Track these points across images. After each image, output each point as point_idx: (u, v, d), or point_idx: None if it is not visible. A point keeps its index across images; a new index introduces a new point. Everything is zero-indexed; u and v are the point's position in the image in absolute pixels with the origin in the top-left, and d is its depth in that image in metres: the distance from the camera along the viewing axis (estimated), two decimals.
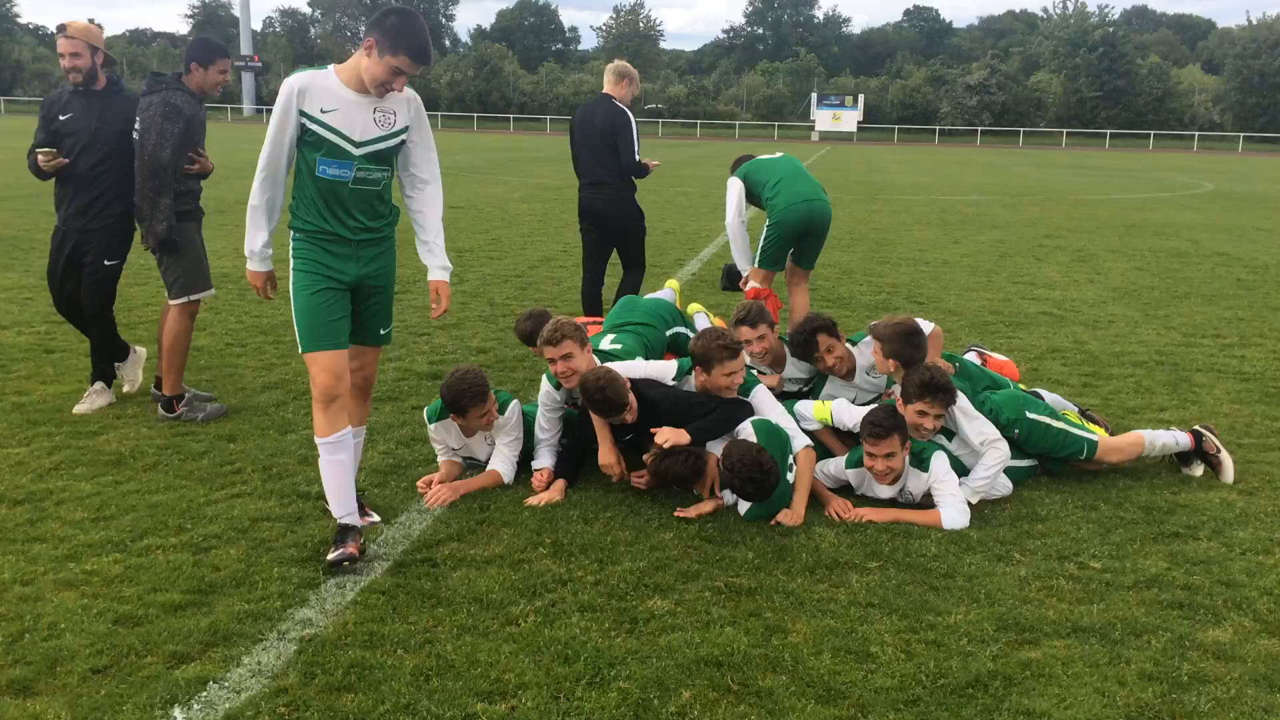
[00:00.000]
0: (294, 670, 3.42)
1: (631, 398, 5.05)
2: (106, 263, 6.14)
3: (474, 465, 5.37)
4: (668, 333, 6.16)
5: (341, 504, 4.28)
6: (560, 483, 5.07)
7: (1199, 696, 3.36)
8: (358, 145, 4.10)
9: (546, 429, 5.33)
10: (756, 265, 7.63)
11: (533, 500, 4.92)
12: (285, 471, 5.26)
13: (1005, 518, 4.84)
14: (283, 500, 4.88)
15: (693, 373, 5.23)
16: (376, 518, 4.63)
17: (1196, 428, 5.54)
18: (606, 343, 5.76)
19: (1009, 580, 4.19)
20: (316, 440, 4.25)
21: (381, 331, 4.48)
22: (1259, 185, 31.64)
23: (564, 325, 5.18)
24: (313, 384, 4.23)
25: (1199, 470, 5.46)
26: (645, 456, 4.98)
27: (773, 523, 4.71)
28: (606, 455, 5.10)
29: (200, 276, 6.19)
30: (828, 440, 5.35)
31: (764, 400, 5.21)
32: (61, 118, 5.99)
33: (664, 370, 5.34)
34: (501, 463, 5.20)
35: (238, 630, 3.67)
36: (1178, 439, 5.45)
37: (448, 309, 4.52)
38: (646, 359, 5.62)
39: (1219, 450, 5.42)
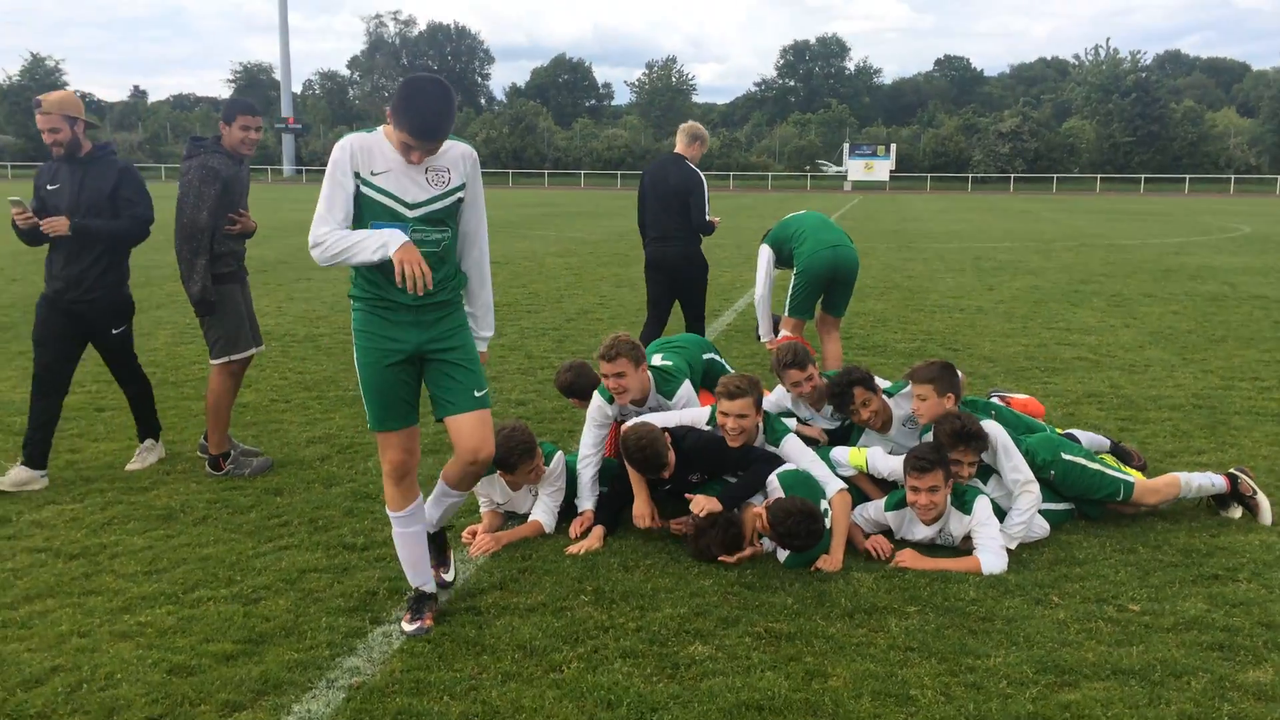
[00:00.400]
0: (343, 717, 3.51)
1: (670, 455, 5.16)
2: (114, 332, 6.19)
3: (514, 516, 5.47)
4: (704, 356, 6.33)
5: (417, 574, 4.27)
6: (599, 529, 5.16)
7: None
8: (411, 207, 3.94)
9: (591, 446, 5.53)
10: (787, 314, 7.83)
11: (574, 549, 5.00)
12: (331, 524, 5.38)
13: (1043, 561, 4.86)
14: (329, 552, 5.00)
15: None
16: (450, 575, 4.59)
17: (1233, 470, 5.54)
18: (657, 359, 6.03)
19: (1047, 623, 4.21)
20: (389, 513, 4.24)
21: (476, 394, 4.09)
22: None
23: (620, 343, 5.40)
24: (383, 459, 4.19)
25: (1237, 513, 5.44)
26: (677, 525, 5.08)
27: (812, 569, 4.76)
28: (641, 507, 5.19)
29: (241, 337, 6.28)
30: (864, 486, 5.41)
31: (795, 449, 5.28)
32: (49, 187, 5.96)
33: (698, 417, 5.44)
34: (544, 513, 5.30)
35: (288, 679, 3.77)
36: (1214, 481, 5.45)
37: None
38: (691, 379, 5.84)
39: (1255, 493, 5.41)
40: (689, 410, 5.59)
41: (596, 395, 5.64)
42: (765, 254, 8.02)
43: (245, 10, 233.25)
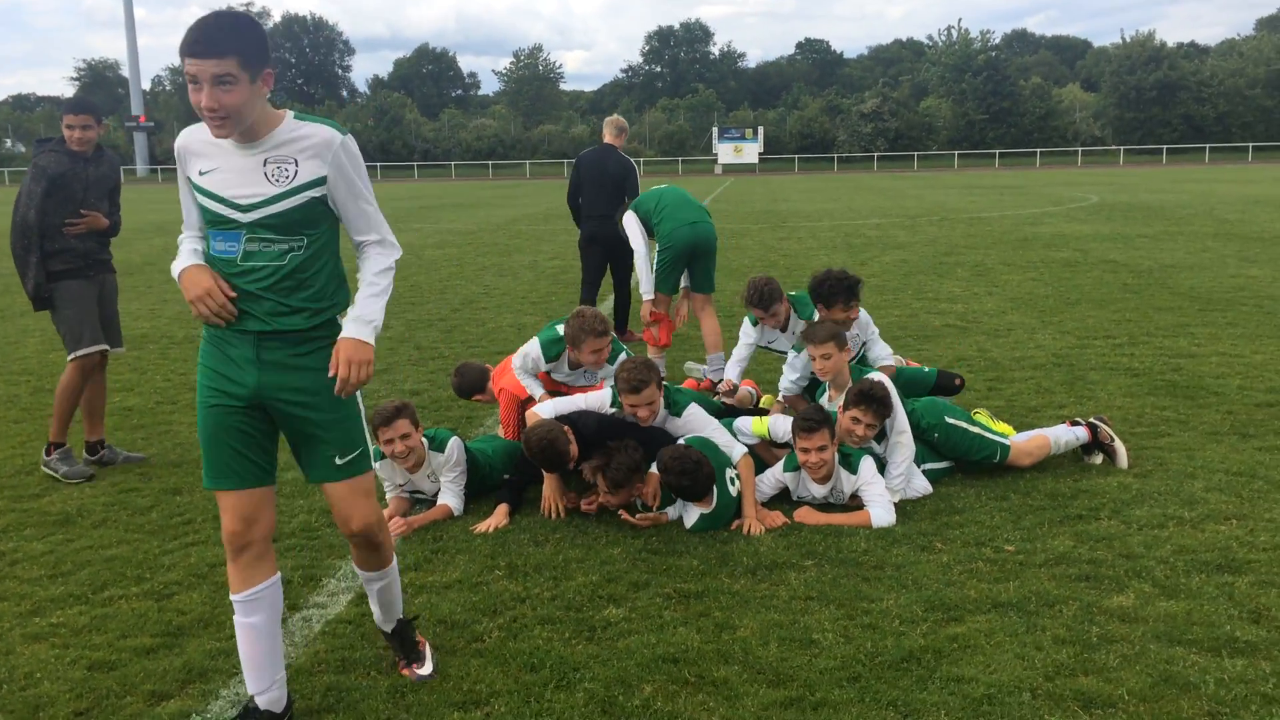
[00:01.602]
0: None
1: (572, 448, 5.31)
2: None
3: (422, 500, 5.56)
4: None
5: (256, 678, 3.33)
6: (504, 507, 5.29)
7: (1108, 654, 3.72)
8: (244, 210, 3.12)
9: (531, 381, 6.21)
10: (655, 290, 8.16)
11: (481, 527, 5.13)
12: None
13: (926, 512, 5.21)
14: None
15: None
16: (426, 670, 3.69)
17: (1093, 420, 6.00)
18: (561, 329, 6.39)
19: (933, 567, 4.54)
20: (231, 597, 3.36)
21: (337, 461, 3.29)
22: (1140, 195, 33.26)
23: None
24: (222, 527, 3.31)
25: (1099, 459, 5.91)
26: (586, 504, 5.27)
27: (732, 527, 5.03)
28: (549, 495, 5.33)
29: (86, 332, 6.23)
30: (763, 453, 5.68)
31: (698, 418, 5.52)
32: None
33: (601, 399, 5.62)
34: (451, 497, 5.40)
35: (212, 666, 3.82)
36: (1078, 435, 5.91)
37: (343, 377, 3.16)
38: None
39: (1113, 439, 5.88)
40: (592, 395, 5.74)
41: (601, 395, 5.64)
42: (633, 218, 8.45)
43: (86, 5, 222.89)
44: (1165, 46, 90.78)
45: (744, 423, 5.74)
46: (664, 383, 5.58)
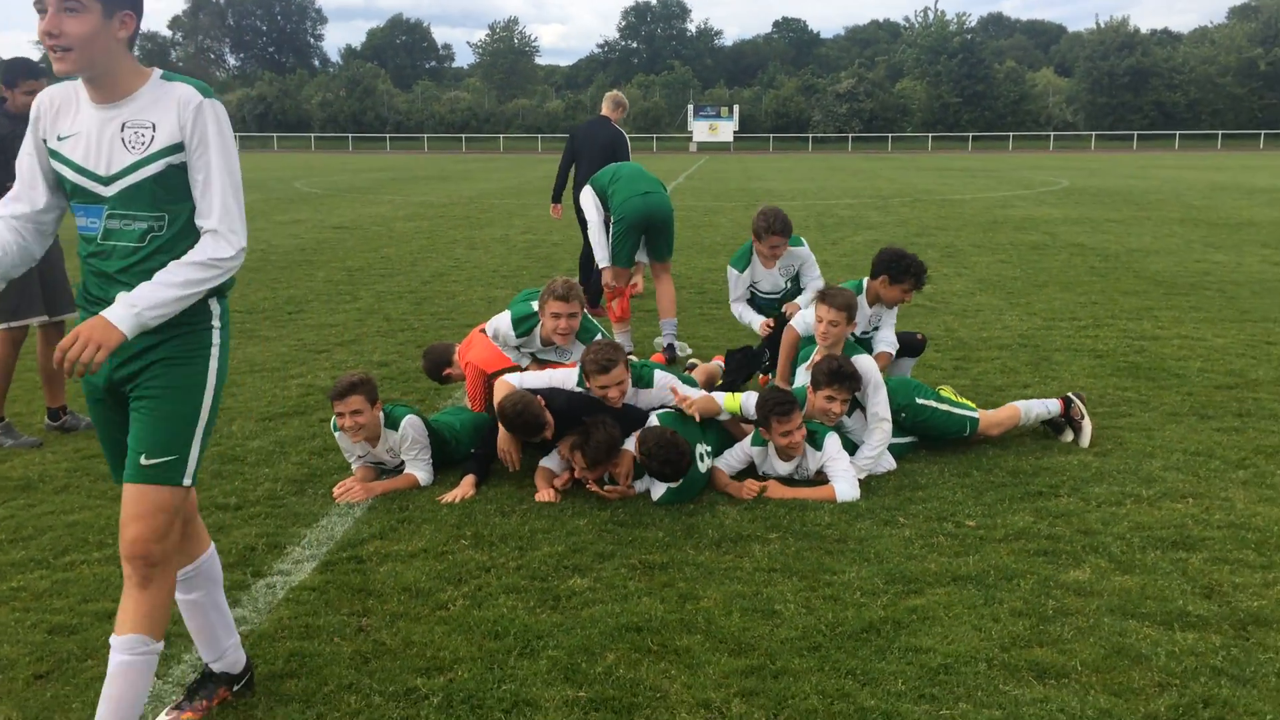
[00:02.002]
0: None
1: (548, 416, 5.31)
2: None
3: (386, 473, 5.55)
4: None
5: (208, 649, 3.28)
6: (470, 478, 5.29)
7: (1063, 627, 3.79)
8: (106, 183, 2.80)
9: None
10: (610, 263, 8.24)
11: (447, 497, 5.13)
12: (200, 486, 5.35)
13: (889, 487, 5.26)
14: (202, 513, 4.97)
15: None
16: None
17: (1069, 394, 6.07)
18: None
19: (895, 540, 4.60)
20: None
21: (142, 460, 2.81)
22: (1110, 180, 33.54)
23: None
24: None
25: (1069, 436, 5.97)
26: (561, 446, 5.26)
27: (743, 495, 5.10)
28: (504, 447, 5.33)
29: (24, 302, 6.13)
30: (733, 428, 5.72)
31: (666, 382, 5.54)
32: None
33: (567, 378, 5.62)
34: (417, 469, 5.37)
35: (173, 631, 3.78)
36: (1049, 407, 6.00)
37: (64, 347, 2.61)
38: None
39: (1084, 416, 5.95)
40: (558, 371, 5.74)
41: (568, 373, 5.60)
42: (589, 192, 8.62)
43: None
44: (1139, 33, 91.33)
45: (717, 399, 5.77)
46: (630, 359, 5.60)
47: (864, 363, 5.62)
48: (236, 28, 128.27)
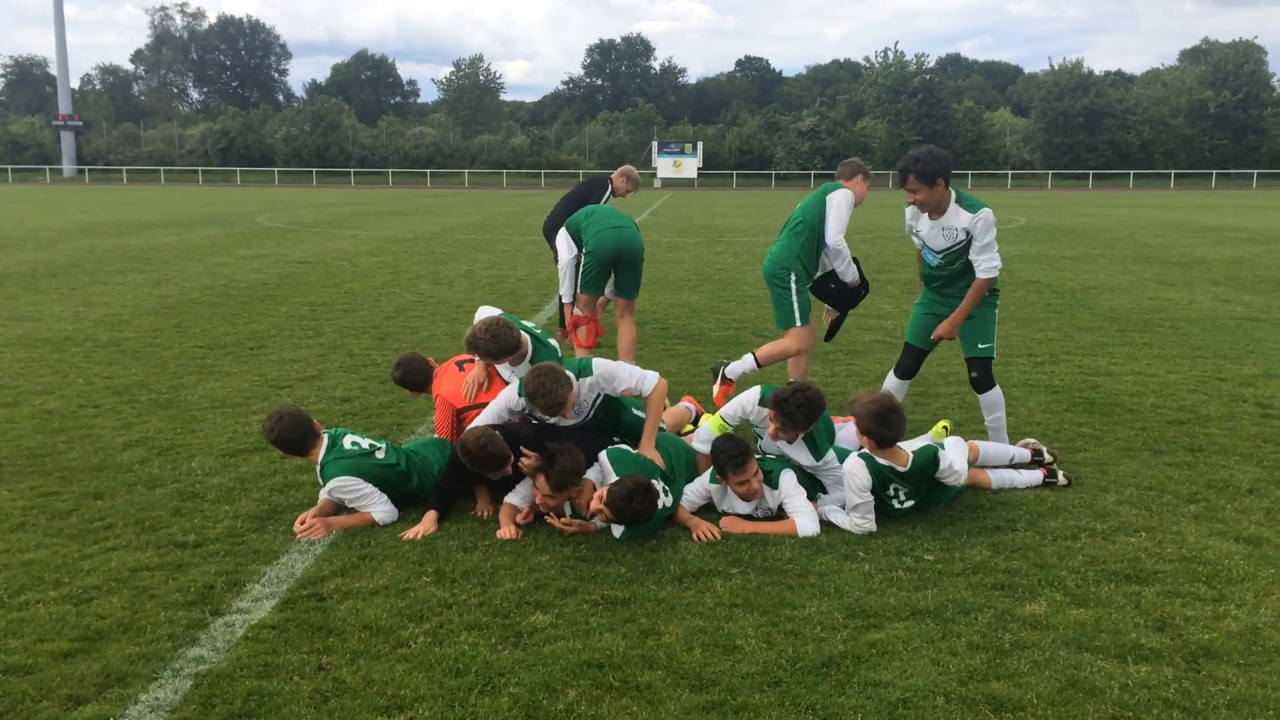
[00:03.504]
0: (192, 703, 3.55)
1: (508, 450, 5.32)
2: None
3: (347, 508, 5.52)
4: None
5: None
6: (432, 514, 5.28)
7: (1019, 660, 3.85)
8: None
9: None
10: (580, 291, 8.45)
11: (409, 534, 5.12)
12: (159, 523, 5.31)
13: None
14: (159, 550, 4.95)
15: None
16: None
17: (1042, 458, 6.17)
18: None
19: (855, 575, 4.64)
20: None
21: None
22: (1066, 218, 34.12)
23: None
24: None
25: (1063, 481, 5.89)
26: (524, 462, 5.27)
27: (696, 538, 5.08)
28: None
29: None
30: (703, 463, 5.74)
31: (610, 372, 5.70)
32: None
33: (508, 395, 5.70)
34: (372, 510, 5.30)
35: (131, 671, 3.77)
36: (1030, 479, 5.88)
37: None
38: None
39: (1055, 460, 6.03)
40: (501, 395, 5.78)
41: (509, 390, 5.72)
42: (563, 234, 8.72)
43: (16, 1, 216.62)
44: (1093, 74, 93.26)
45: (703, 428, 5.85)
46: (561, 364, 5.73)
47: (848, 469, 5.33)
48: (200, 61, 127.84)
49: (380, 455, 5.51)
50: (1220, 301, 13.52)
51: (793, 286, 7.50)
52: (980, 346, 6.52)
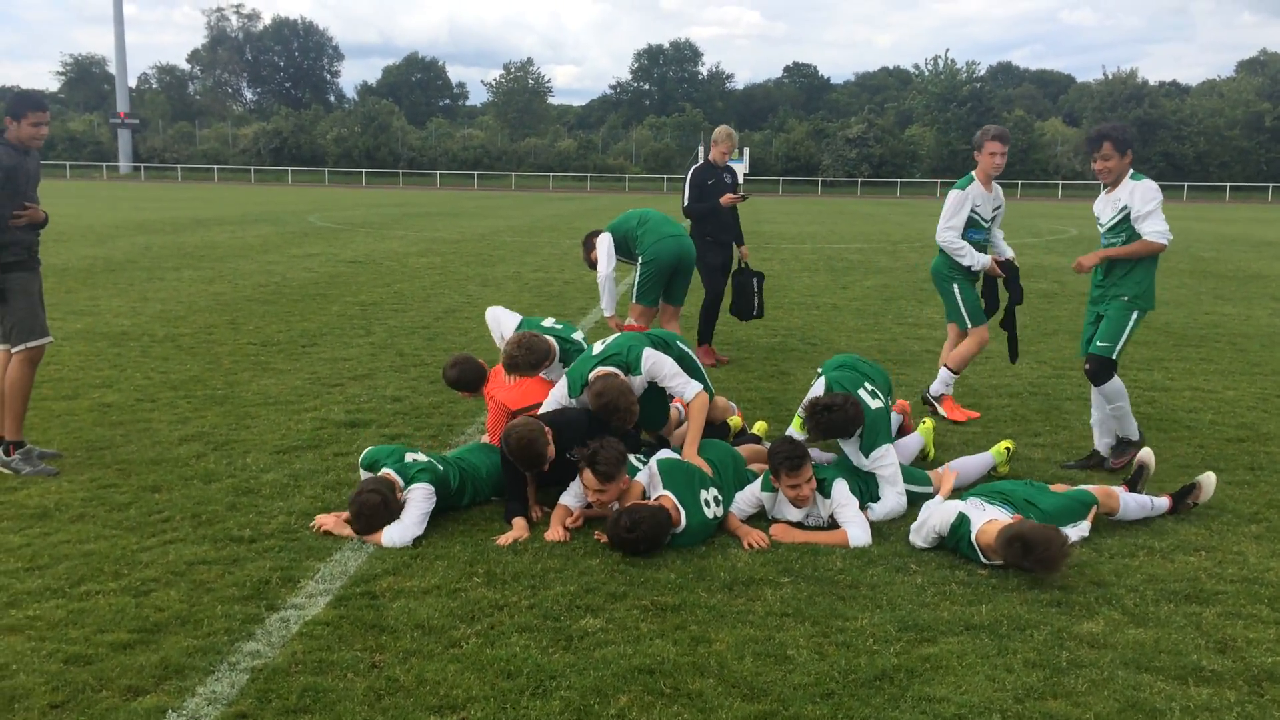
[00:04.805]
0: (248, 697, 3.60)
1: (550, 449, 5.37)
2: None
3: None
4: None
5: None
6: (521, 520, 5.28)
7: (1076, 679, 3.79)
8: None
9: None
10: (635, 301, 8.39)
11: (503, 540, 5.09)
12: (215, 518, 5.38)
13: (901, 534, 5.26)
14: (216, 544, 5.02)
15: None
16: None
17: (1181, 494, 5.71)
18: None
19: (908, 588, 4.59)
20: None
21: None
22: None
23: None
24: None
25: (1203, 495, 5.68)
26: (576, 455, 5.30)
27: (746, 546, 5.06)
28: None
29: (37, 324, 6.24)
30: (759, 468, 5.75)
31: (659, 365, 5.80)
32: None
33: (560, 392, 5.86)
34: (390, 527, 5.12)
35: (189, 664, 3.82)
36: (1155, 503, 5.58)
37: None
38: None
39: (1197, 490, 5.68)
40: (554, 394, 5.96)
41: (559, 389, 5.92)
42: (606, 240, 8.57)
43: (77, 0, 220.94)
44: (1147, 84, 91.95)
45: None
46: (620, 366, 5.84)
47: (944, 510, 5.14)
48: (254, 62, 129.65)
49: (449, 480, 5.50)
50: (1279, 317, 13.25)
51: (954, 287, 7.74)
52: (1099, 344, 6.50)
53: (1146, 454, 6.01)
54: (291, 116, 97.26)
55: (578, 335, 6.72)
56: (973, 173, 7.63)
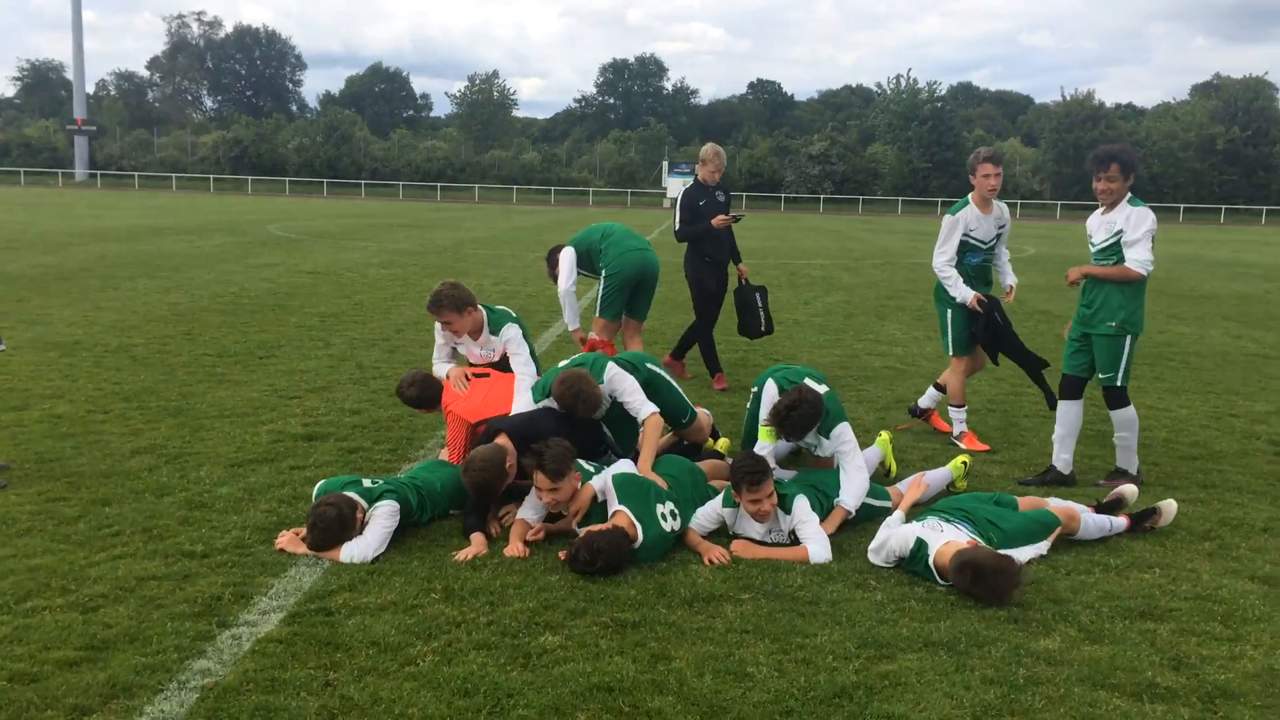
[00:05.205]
0: (198, 716, 3.52)
1: (510, 475, 5.40)
2: None
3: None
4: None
5: None
6: (479, 535, 5.23)
7: (1034, 696, 3.80)
8: None
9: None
10: (598, 315, 8.42)
11: (460, 555, 5.04)
12: (166, 532, 5.28)
13: (861, 550, 5.26)
14: (167, 559, 4.92)
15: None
16: None
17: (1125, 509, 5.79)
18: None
19: (867, 604, 4.60)
20: None
21: None
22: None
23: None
24: None
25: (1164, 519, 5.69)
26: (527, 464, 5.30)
27: (707, 562, 5.04)
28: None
29: None
30: (720, 485, 5.75)
31: (618, 381, 5.91)
32: None
33: (525, 400, 6.10)
34: (349, 544, 5.05)
35: (136, 682, 3.74)
36: (1113, 523, 5.60)
37: None
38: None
39: (1156, 516, 5.69)
40: (519, 400, 6.17)
41: (525, 399, 6.18)
42: (568, 253, 8.52)
43: (34, 4, 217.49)
44: (1104, 106, 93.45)
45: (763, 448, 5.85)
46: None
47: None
48: (215, 70, 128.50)
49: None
50: (1231, 337, 13.48)
51: (947, 312, 7.71)
52: (1101, 377, 6.66)
53: (1168, 506, 5.72)
54: (252, 125, 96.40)
55: (501, 307, 7.07)
56: (969, 196, 7.62)
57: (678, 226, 9.67)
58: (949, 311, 7.67)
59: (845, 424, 5.82)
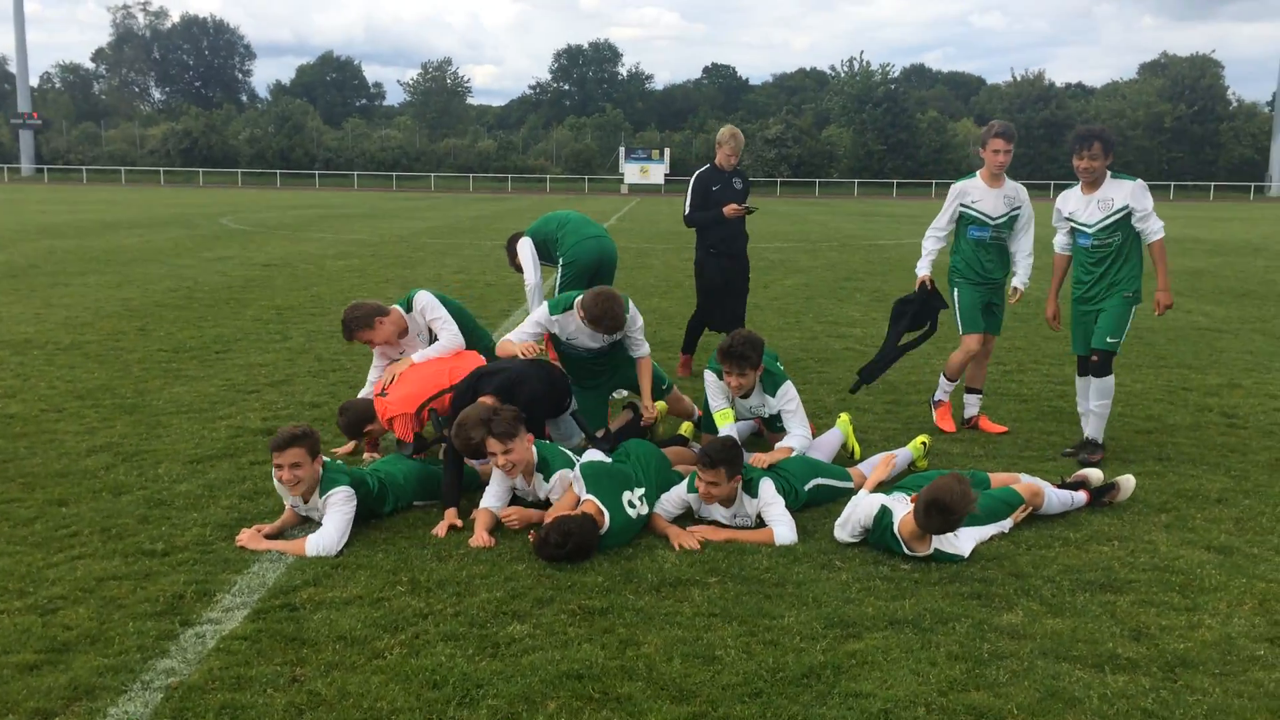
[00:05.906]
0: (163, 716, 3.48)
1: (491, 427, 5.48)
2: None
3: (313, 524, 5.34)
4: None
5: None
6: (452, 510, 5.38)
7: (998, 670, 3.85)
8: None
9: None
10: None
11: (437, 530, 5.22)
12: (125, 531, 5.21)
13: (826, 531, 5.30)
14: (127, 559, 4.85)
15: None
16: None
17: (1085, 485, 5.80)
18: None
19: (833, 584, 4.63)
20: None
21: None
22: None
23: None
24: None
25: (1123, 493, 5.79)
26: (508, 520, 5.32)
27: (676, 546, 5.05)
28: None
29: None
30: (685, 470, 5.77)
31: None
32: None
33: (541, 314, 6.60)
34: (313, 535, 5.01)
35: (99, 684, 3.69)
36: (1074, 498, 5.67)
37: None
38: None
39: (1114, 490, 5.78)
40: (532, 318, 6.64)
41: (540, 311, 6.58)
42: (527, 244, 8.40)
43: None
44: (1054, 86, 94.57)
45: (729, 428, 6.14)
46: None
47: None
48: (162, 61, 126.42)
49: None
50: (1182, 312, 13.70)
51: (954, 290, 7.78)
52: (1109, 340, 6.78)
53: (1126, 481, 5.83)
54: (202, 116, 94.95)
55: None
56: (978, 170, 7.63)
57: (687, 210, 9.32)
58: (956, 290, 7.69)
59: (789, 382, 6.26)
